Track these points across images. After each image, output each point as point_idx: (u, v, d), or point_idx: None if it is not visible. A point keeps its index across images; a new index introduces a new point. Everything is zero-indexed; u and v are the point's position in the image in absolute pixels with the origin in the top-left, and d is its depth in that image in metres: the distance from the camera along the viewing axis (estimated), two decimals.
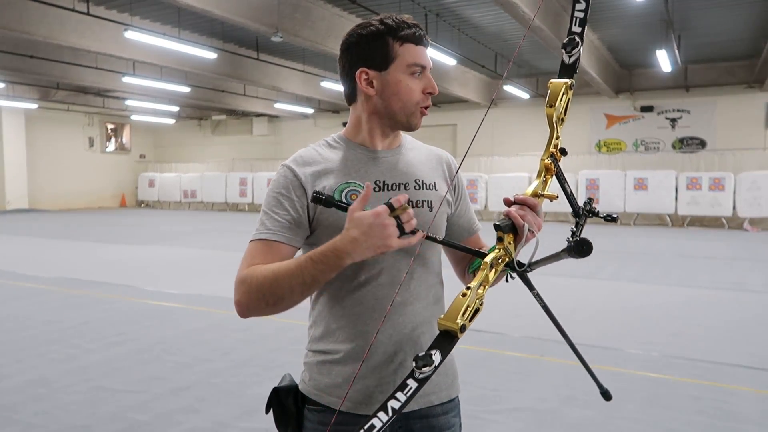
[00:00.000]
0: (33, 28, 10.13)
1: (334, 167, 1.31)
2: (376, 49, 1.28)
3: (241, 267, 1.25)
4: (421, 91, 1.30)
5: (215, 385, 3.84)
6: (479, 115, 19.14)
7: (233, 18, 9.37)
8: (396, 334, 1.31)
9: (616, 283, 7.36)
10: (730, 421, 3.30)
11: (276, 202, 1.28)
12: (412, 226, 1.12)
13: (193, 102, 20.00)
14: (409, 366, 1.27)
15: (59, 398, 3.65)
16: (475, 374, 4.03)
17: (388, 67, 1.28)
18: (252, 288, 1.20)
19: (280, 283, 1.18)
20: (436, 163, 1.44)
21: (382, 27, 1.28)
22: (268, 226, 1.27)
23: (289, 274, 1.18)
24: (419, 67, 1.29)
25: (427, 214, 1.33)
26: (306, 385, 1.35)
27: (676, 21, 11.09)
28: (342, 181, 1.29)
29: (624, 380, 3.93)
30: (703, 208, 14.79)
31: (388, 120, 1.33)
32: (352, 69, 1.31)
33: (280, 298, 1.18)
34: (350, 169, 1.31)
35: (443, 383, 1.41)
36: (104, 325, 5.40)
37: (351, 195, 1.28)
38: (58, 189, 22.52)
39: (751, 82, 15.30)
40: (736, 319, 5.58)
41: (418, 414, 1.36)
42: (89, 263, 9.23)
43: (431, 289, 1.38)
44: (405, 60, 1.28)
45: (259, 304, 1.20)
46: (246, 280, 1.21)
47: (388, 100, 1.30)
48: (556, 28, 10.50)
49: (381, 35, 1.28)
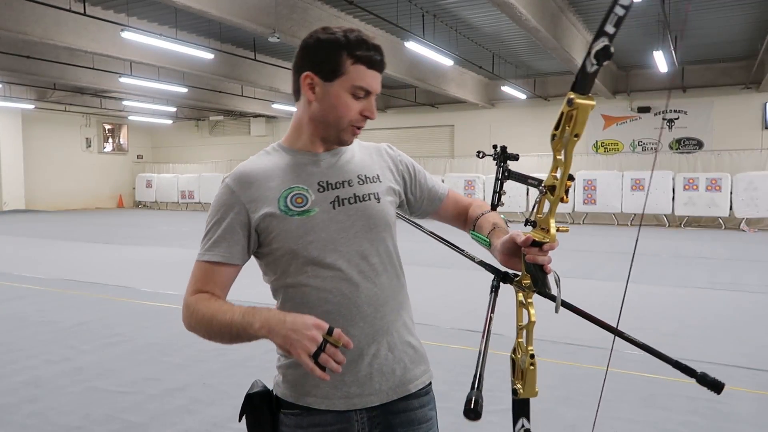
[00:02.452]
0: (29, 28, 10.11)
1: (275, 175, 1.32)
2: (328, 59, 1.28)
3: (188, 287, 1.31)
4: (358, 111, 1.31)
5: (210, 386, 3.83)
6: (477, 116, 19.17)
7: (230, 18, 9.36)
8: (368, 327, 1.32)
9: (613, 284, 7.36)
10: (726, 421, 3.30)
11: (216, 222, 1.31)
12: (325, 360, 1.11)
13: (191, 103, 19.98)
14: (383, 355, 1.33)
15: (53, 399, 3.64)
16: (470, 374, 4.01)
17: (333, 80, 1.28)
18: (192, 320, 1.27)
19: (213, 328, 1.24)
20: (376, 156, 1.47)
21: (342, 39, 1.27)
22: (209, 246, 1.30)
23: (222, 322, 1.22)
24: (363, 90, 1.30)
25: (375, 206, 1.36)
26: (281, 388, 1.34)
27: (672, 22, 11.10)
28: (285, 187, 1.31)
29: (620, 381, 3.93)
30: (700, 208, 14.81)
31: (321, 129, 1.34)
32: (301, 69, 1.31)
33: (213, 337, 1.26)
34: (292, 174, 1.33)
35: (418, 371, 1.42)
36: (99, 325, 5.39)
37: (296, 198, 1.30)
38: (55, 189, 22.48)
39: (748, 83, 15.33)
40: (733, 320, 5.58)
41: (396, 408, 1.36)
42: (85, 264, 9.21)
43: (396, 279, 1.40)
44: (351, 79, 1.28)
45: (198, 334, 1.29)
46: (189, 309, 1.28)
47: (324, 110, 1.31)
48: (554, 29, 10.51)
49: (337, 47, 1.27)
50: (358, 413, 1.32)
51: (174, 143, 26.18)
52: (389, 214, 1.40)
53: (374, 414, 1.33)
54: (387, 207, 1.40)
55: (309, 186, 1.32)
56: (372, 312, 1.32)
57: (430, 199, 1.55)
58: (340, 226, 1.31)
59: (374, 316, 1.33)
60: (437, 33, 11.89)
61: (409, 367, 1.39)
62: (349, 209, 1.33)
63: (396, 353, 1.36)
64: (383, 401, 1.34)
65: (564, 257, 9.75)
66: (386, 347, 1.35)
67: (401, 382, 1.37)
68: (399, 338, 1.37)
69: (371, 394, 1.33)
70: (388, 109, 20.12)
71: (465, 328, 5.15)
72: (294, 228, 1.28)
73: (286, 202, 1.29)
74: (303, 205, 1.30)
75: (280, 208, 1.29)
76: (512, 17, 9.31)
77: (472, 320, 5.37)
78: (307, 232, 1.28)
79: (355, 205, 1.34)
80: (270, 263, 1.34)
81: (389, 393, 1.35)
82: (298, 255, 1.29)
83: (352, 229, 1.32)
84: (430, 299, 6.20)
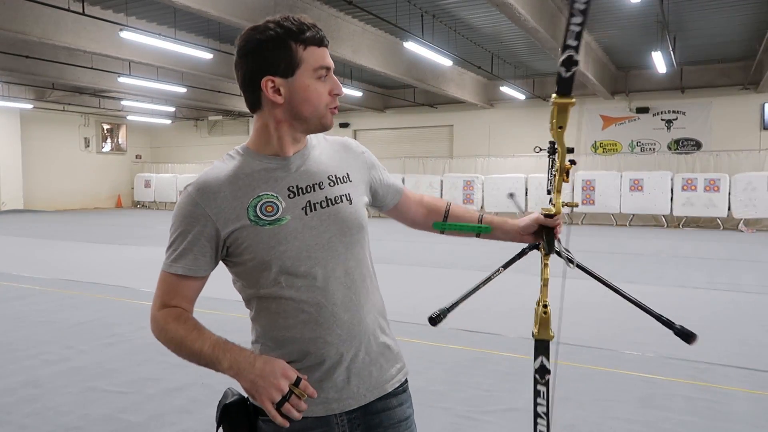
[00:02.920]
0: (28, 28, 10.10)
1: (241, 183, 1.27)
2: (280, 56, 1.24)
3: (154, 298, 1.30)
4: (328, 93, 1.29)
5: (208, 387, 3.83)
6: (476, 116, 19.18)
7: (229, 18, 9.36)
8: (345, 333, 1.31)
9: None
10: (723, 421, 3.30)
11: (180, 234, 1.27)
12: (287, 409, 1.17)
13: (190, 102, 19.98)
14: (361, 358, 1.33)
15: (52, 399, 3.63)
16: (468, 375, 4.03)
17: (294, 73, 1.25)
18: (161, 337, 1.28)
19: (182, 351, 1.26)
20: (344, 152, 1.44)
21: (282, 31, 1.24)
22: (175, 258, 1.27)
23: (191, 350, 1.24)
24: (325, 69, 1.28)
25: (347, 208, 1.34)
26: None
27: (671, 23, 11.12)
28: (253, 196, 1.26)
29: (618, 381, 3.94)
30: (699, 209, 14.83)
31: (299, 125, 1.30)
32: (255, 77, 1.26)
33: (182, 357, 1.27)
34: (259, 181, 1.28)
35: (393, 370, 1.41)
36: (98, 325, 5.39)
37: (266, 207, 1.26)
38: (53, 189, 22.46)
39: (746, 84, 15.36)
40: (731, 320, 5.59)
41: (375, 408, 1.36)
42: (84, 264, 9.20)
43: (370, 281, 1.40)
44: (310, 64, 1.26)
45: (168, 348, 1.29)
46: (158, 325, 1.28)
47: (298, 106, 1.27)
48: (553, 30, 10.52)
49: (282, 40, 1.24)
50: (338, 416, 1.31)
51: (173, 143, 26.17)
52: (362, 216, 1.38)
53: (354, 416, 1.33)
54: (360, 209, 1.38)
55: (278, 193, 1.27)
56: (349, 318, 1.31)
57: (393, 193, 1.56)
58: (313, 232, 1.28)
59: (351, 322, 1.31)
60: (436, 33, 11.90)
61: (385, 367, 1.39)
62: (322, 214, 1.29)
63: (372, 355, 1.36)
64: (361, 403, 1.33)
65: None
66: (363, 351, 1.34)
67: (378, 383, 1.36)
68: (375, 340, 1.37)
69: (349, 398, 1.32)
70: (387, 109, 20.12)
71: (464, 328, 5.15)
72: (266, 239, 1.24)
73: (256, 212, 1.25)
74: (273, 214, 1.25)
75: (250, 219, 1.24)
76: (511, 17, 9.32)
77: (470, 321, 5.37)
78: (279, 242, 1.24)
79: (327, 209, 1.30)
80: (241, 273, 1.31)
81: (367, 395, 1.34)
82: (270, 266, 1.25)
83: (326, 234, 1.29)
84: (429, 299, 6.20)
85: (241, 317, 6.21)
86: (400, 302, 5.72)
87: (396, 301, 1.32)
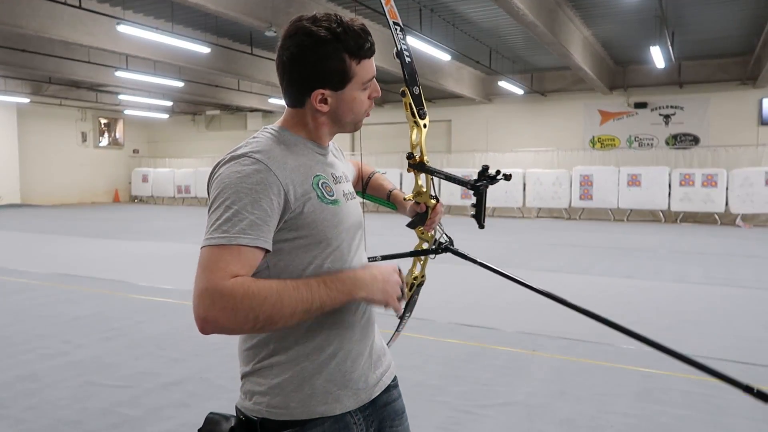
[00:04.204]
0: (24, 21, 10.05)
1: (301, 159, 1.25)
2: (334, 69, 1.21)
3: (211, 276, 1.06)
4: (367, 98, 1.31)
5: (207, 381, 3.83)
6: (474, 111, 19.15)
7: (227, 12, 9.32)
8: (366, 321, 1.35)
9: (609, 279, 7.38)
10: (720, 415, 3.32)
11: (251, 201, 1.12)
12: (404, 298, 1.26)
13: (187, 97, 19.92)
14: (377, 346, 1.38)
15: (49, 393, 3.63)
16: (466, 369, 4.04)
17: (345, 87, 1.25)
18: (240, 305, 1.05)
19: (283, 304, 1.08)
20: (340, 155, 1.50)
21: (340, 44, 1.20)
22: (245, 228, 1.10)
23: (296, 296, 1.09)
24: (371, 80, 1.29)
25: (357, 203, 1.39)
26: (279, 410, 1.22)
27: (669, 17, 11.11)
28: (313, 174, 1.25)
29: (615, 375, 3.95)
30: (696, 204, 14.85)
31: (336, 128, 1.33)
32: (305, 86, 1.23)
33: (273, 321, 1.08)
34: (312, 162, 1.27)
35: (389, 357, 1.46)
36: (96, 320, 5.38)
37: (326, 187, 1.27)
38: (50, 184, 22.40)
39: (744, 79, 15.35)
40: (728, 314, 5.60)
41: (382, 401, 1.38)
42: (81, 258, 9.19)
43: None
44: (362, 78, 1.26)
45: (241, 324, 1.06)
46: (233, 295, 1.05)
47: (341, 115, 1.29)
48: (551, 24, 10.50)
49: (337, 52, 1.20)
50: (354, 415, 1.29)
51: (170, 138, 26.11)
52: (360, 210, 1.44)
53: (367, 413, 1.33)
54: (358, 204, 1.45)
55: (329, 177, 1.29)
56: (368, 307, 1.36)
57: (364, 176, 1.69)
58: (352, 219, 1.32)
59: (369, 311, 1.36)
60: (434, 28, 11.87)
61: (387, 352, 1.45)
62: (350, 205, 1.34)
63: (377, 341, 1.41)
64: (382, 389, 1.36)
65: (561, 252, 9.77)
66: (375, 336, 1.39)
67: (388, 369, 1.41)
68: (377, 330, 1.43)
69: (374, 385, 1.34)
70: (385, 104, 20.09)
71: (461, 322, 5.16)
72: (330, 216, 1.24)
73: (319, 188, 1.24)
74: (332, 195, 1.27)
75: (317, 194, 1.23)
76: (510, 12, 9.30)
77: (468, 315, 5.38)
78: (341, 222, 1.26)
79: (353, 201, 1.37)
80: (287, 249, 1.20)
81: (385, 380, 1.38)
82: (330, 244, 1.24)
83: (355, 225, 1.34)
84: (426, 294, 6.21)
85: None
86: None
87: None
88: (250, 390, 1.26)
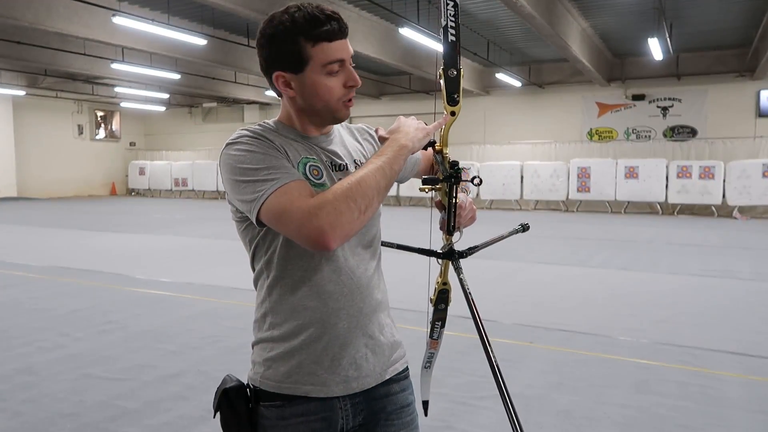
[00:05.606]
0: (19, 13, 9.97)
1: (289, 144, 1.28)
2: (288, 52, 1.22)
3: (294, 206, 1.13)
4: (342, 86, 1.27)
5: (204, 373, 3.84)
6: (472, 103, 19.10)
7: (223, 4, 9.26)
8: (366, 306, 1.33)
9: (606, 271, 7.40)
10: (717, 406, 3.33)
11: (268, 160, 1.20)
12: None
13: (184, 89, 19.83)
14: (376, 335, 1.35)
15: (47, 386, 3.63)
16: (464, 361, 4.05)
17: (303, 70, 1.23)
18: (338, 204, 1.12)
19: (368, 184, 1.16)
20: (361, 138, 1.48)
21: (291, 25, 1.21)
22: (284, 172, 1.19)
23: (373, 173, 1.18)
24: (337, 63, 1.25)
25: None
26: (269, 380, 1.29)
27: (668, 9, 11.07)
28: (300, 157, 1.28)
29: (612, 367, 3.96)
30: (693, 196, 14.87)
31: (314, 117, 1.31)
32: (268, 70, 1.27)
33: (370, 201, 1.16)
34: (301, 148, 1.30)
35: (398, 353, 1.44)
36: (93, 313, 5.38)
37: (313, 170, 1.28)
38: (47, 177, 22.33)
39: (742, 71, 15.34)
40: (724, 306, 5.62)
41: (378, 394, 1.37)
42: (78, 251, 9.18)
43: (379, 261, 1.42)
44: (319, 60, 1.23)
45: (349, 218, 1.13)
46: (327, 201, 1.12)
47: (309, 100, 1.27)
48: (549, 16, 10.46)
49: (291, 35, 1.21)
50: (342, 400, 1.31)
51: (167, 130, 26.01)
52: None
53: (357, 401, 1.33)
54: None
55: (320, 161, 1.30)
56: (368, 292, 1.34)
57: (411, 164, 1.61)
58: None
59: (369, 295, 1.34)
60: (432, 19, 11.82)
61: (394, 347, 1.42)
62: None
63: (385, 332, 1.39)
64: (378, 381, 1.35)
65: (558, 245, 9.78)
66: (377, 327, 1.36)
67: (390, 363, 1.39)
68: (384, 318, 1.40)
69: (367, 376, 1.33)
70: (383, 96, 20.04)
71: (460, 314, 5.16)
72: None
73: (306, 170, 1.26)
74: (320, 178, 1.28)
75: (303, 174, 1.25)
76: (507, 4, 9.26)
77: (465, 307, 5.39)
78: None
79: None
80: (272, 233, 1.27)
81: (382, 374, 1.37)
82: None
83: None
84: (425, 286, 6.22)
85: (237, 304, 6.21)
86: (397, 289, 5.73)
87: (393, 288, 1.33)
88: (253, 360, 1.35)
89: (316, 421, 1.28)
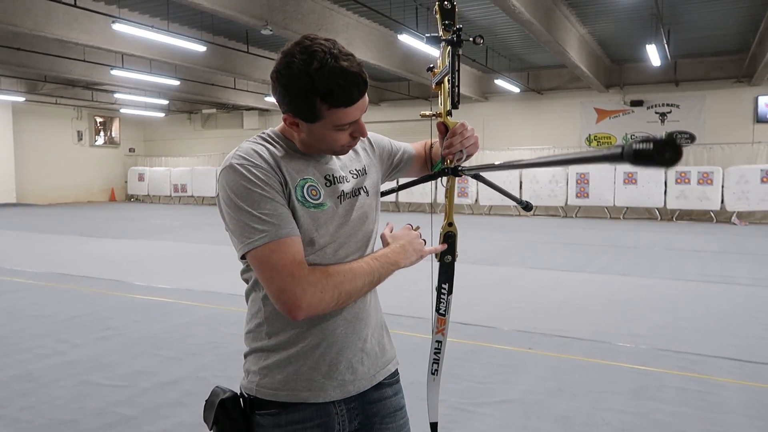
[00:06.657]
0: (19, 20, 10.01)
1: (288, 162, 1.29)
2: (302, 105, 1.22)
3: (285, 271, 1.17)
4: (349, 135, 1.30)
5: (203, 380, 3.83)
6: (470, 110, 19.15)
7: (223, 11, 9.30)
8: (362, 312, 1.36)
9: (605, 277, 7.40)
10: (716, 412, 3.33)
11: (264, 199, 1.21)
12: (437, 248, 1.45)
13: (183, 95, 19.87)
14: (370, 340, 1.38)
15: (46, 393, 3.63)
16: (463, 367, 4.05)
17: (314, 122, 1.24)
18: (325, 289, 1.20)
19: (355, 284, 1.25)
20: (360, 149, 1.49)
21: (309, 83, 1.18)
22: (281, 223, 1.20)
23: (362, 272, 1.26)
24: (347, 125, 1.26)
25: (365, 199, 1.40)
26: (265, 389, 1.30)
27: (665, 15, 11.12)
28: (299, 177, 1.29)
29: (611, 373, 3.96)
30: (692, 201, 14.89)
31: (314, 149, 1.33)
32: (280, 105, 1.27)
33: (349, 297, 1.25)
34: (300, 165, 1.31)
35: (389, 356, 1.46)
36: (92, 319, 5.37)
37: (311, 190, 1.29)
38: (46, 183, 22.33)
39: (740, 77, 15.39)
40: (723, 312, 5.62)
41: (372, 398, 1.39)
42: (77, 258, 9.17)
43: None
44: (332, 122, 1.24)
45: (326, 305, 1.21)
46: (317, 282, 1.19)
47: (313, 142, 1.30)
48: (547, 22, 10.51)
49: (306, 92, 1.19)
50: (337, 405, 1.32)
51: (166, 136, 26.04)
52: (376, 207, 1.45)
53: (352, 405, 1.35)
54: (375, 199, 1.45)
55: (318, 180, 1.32)
56: (363, 300, 1.37)
57: (406, 161, 1.66)
58: (342, 220, 1.33)
59: (364, 299, 1.37)
60: (431, 26, 11.86)
61: (387, 348, 1.45)
62: (347, 204, 1.35)
63: (376, 336, 1.41)
64: (373, 384, 1.38)
65: (557, 251, 9.79)
66: (371, 330, 1.39)
67: (383, 364, 1.42)
68: (377, 322, 1.43)
69: (362, 378, 1.35)
70: (382, 102, 20.08)
71: (458, 321, 5.16)
72: (308, 220, 1.27)
73: (303, 193, 1.28)
74: (318, 198, 1.29)
75: (297, 198, 1.26)
76: (506, 10, 9.30)
77: (464, 313, 5.39)
78: (319, 226, 1.28)
79: (351, 199, 1.37)
80: None
81: (376, 376, 1.39)
82: (313, 244, 1.27)
83: (351, 223, 1.35)
84: (424, 292, 6.22)
85: (236, 311, 6.20)
86: (394, 295, 5.73)
87: (390, 294, 1.33)
88: (247, 369, 1.36)
89: (312, 428, 1.29)
